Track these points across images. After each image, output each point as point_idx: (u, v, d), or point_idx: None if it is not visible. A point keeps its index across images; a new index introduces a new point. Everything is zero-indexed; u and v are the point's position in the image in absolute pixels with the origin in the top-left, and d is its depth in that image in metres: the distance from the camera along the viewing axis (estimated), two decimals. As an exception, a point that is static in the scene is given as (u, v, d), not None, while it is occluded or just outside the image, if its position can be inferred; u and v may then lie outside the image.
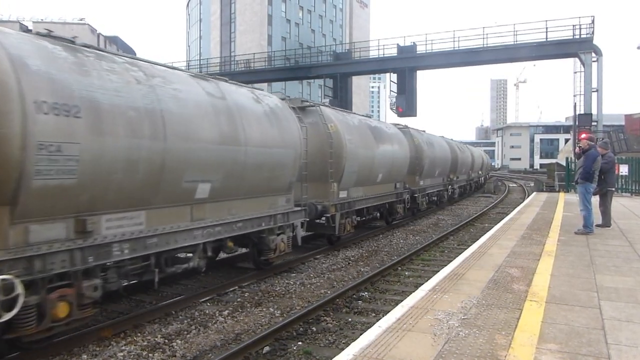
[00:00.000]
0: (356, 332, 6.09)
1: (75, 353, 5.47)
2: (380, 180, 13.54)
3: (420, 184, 17.91)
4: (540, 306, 5.07)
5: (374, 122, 14.44)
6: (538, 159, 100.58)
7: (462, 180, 27.28)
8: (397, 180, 15.30)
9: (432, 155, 18.80)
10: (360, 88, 75.68)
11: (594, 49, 29.37)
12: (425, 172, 18.40)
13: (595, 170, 9.90)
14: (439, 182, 21.21)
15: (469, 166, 29.42)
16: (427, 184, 18.88)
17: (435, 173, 20.17)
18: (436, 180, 20.64)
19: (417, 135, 17.88)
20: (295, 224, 9.54)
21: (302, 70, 41.38)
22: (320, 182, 10.87)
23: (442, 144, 22.02)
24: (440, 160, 20.58)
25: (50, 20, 62.71)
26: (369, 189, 13.08)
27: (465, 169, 27.67)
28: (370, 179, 12.92)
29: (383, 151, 13.41)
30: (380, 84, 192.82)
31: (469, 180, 29.92)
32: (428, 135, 20.45)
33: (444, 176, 21.78)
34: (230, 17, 64.81)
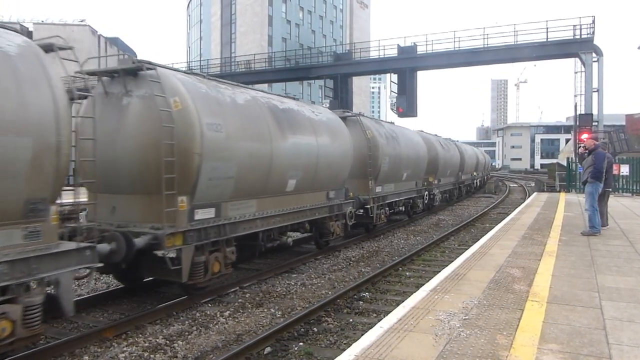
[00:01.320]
0: (357, 333, 6.09)
1: (76, 354, 5.47)
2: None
3: (376, 191, 13.45)
4: (542, 306, 5.07)
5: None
6: (539, 159, 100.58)
7: (447, 184, 23.19)
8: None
9: (395, 153, 14.75)
10: (361, 89, 75.66)
11: (594, 49, 29.37)
12: (387, 175, 14.16)
13: (604, 170, 9.83)
14: (408, 187, 16.74)
15: (457, 167, 25.26)
16: (387, 191, 14.51)
17: (403, 176, 15.88)
18: (404, 185, 16.21)
19: (371, 125, 13.61)
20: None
21: (303, 71, 41.39)
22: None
23: (412, 140, 17.44)
24: (410, 159, 16.28)
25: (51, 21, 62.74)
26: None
27: (451, 171, 23.85)
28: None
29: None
30: (380, 84, 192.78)
31: (457, 183, 25.79)
32: (392, 127, 16.29)
33: (417, 179, 17.78)
34: (231, 18, 64.85)
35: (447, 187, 23.24)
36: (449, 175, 23.61)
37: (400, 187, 15.89)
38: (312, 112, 10.66)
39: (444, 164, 21.31)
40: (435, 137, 21.90)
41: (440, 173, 21.00)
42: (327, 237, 11.11)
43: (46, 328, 6.20)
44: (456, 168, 24.91)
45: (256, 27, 61.80)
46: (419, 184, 17.82)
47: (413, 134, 18.33)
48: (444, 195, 22.36)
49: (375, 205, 13.30)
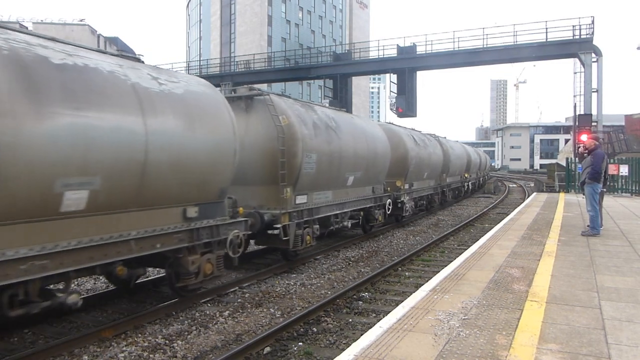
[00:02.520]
0: (357, 333, 6.09)
1: (76, 354, 5.47)
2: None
3: (295, 203, 9.66)
4: (541, 306, 5.07)
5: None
6: (538, 160, 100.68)
7: (425, 188, 18.66)
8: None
9: (330, 149, 10.47)
10: (360, 88, 75.72)
11: (593, 50, 29.40)
12: (315, 179, 10.10)
13: (603, 170, 9.82)
14: (358, 194, 12.45)
15: (439, 168, 20.51)
16: (319, 201, 10.55)
17: (347, 180, 11.63)
18: (350, 192, 12.02)
19: (288, 109, 9.55)
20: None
21: (302, 71, 41.41)
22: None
23: (366, 132, 12.76)
24: (360, 158, 11.98)
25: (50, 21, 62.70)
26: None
27: (430, 172, 19.12)
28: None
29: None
30: (380, 84, 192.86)
31: (440, 187, 21.14)
32: (332, 114, 11.50)
33: (375, 184, 13.63)
34: (230, 17, 64.88)
35: (425, 193, 18.68)
36: (428, 178, 19.08)
37: (343, 195, 11.56)
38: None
39: (417, 164, 16.83)
40: (407, 131, 17.29)
41: (412, 176, 16.70)
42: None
43: (45, 327, 6.22)
44: (437, 169, 20.23)
45: (256, 27, 61.82)
46: (377, 190, 13.67)
47: (369, 125, 13.84)
48: (419, 202, 18.09)
49: (294, 222, 9.49)
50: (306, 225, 9.95)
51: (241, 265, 9.79)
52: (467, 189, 28.75)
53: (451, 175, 23.64)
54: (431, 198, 20.16)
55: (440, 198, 21.50)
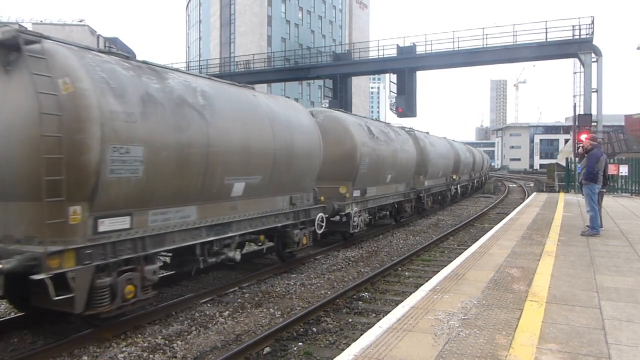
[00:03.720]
0: (357, 333, 6.09)
1: (75, 355, 5.47)
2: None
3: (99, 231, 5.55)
4: (541, 306, 5.07)
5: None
6: (538, 160, 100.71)
7: (387, 195, 14.56)
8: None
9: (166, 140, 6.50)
10: (360, 89, 75.72)
11: (593, 50, 29.41)
12: (138, 189, 5.99)
13: (599, 170, 9.81)
14: (260, 210, 8.48)
15: (412, 169, 16.64)
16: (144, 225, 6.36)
17: (230, 190, 7.61)
18: (177, 214, 6.97)
19: (77, 66, 5.35)
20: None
21: (302, 71, 41.44)
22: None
23: (242, 104, 8.04)
24: (245, 152, 7.90)
25: (49, 21, 62.74)
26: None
27: (398, 175, 15.20)
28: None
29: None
30: (380, 84, 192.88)
31: (414, 191, 17.16)
32: (201, 83, 7.42)
33: (292, 193, 9.45)
34: (230, 18, 64.88)
35: (388, 200, 14.76)
36: (394, 182, 15.13)
37: (227, 210, 7.58)
38: None
39: (374, 164, 12.83)
40: (360, 120, 13.39)
41: (365, 179, 12.62)
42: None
43: (44, 328, 6.21)
44: (409, 170, 16.30)
45: (255, 27, 61.83)
46: (299, 200, 9.64)
47: (284, 107, 9.40)
48: (380, 212, 14.58)
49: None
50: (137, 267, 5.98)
51: (241, 265, 9.80)
52: (455, 193, 24.40)
53: (431, 177, 19.30)
54: (400, 206, 16.01)
55: (413, 205, 17.22)
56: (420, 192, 17.89)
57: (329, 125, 11.72)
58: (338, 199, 11.67)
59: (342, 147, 11.68)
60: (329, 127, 11.61)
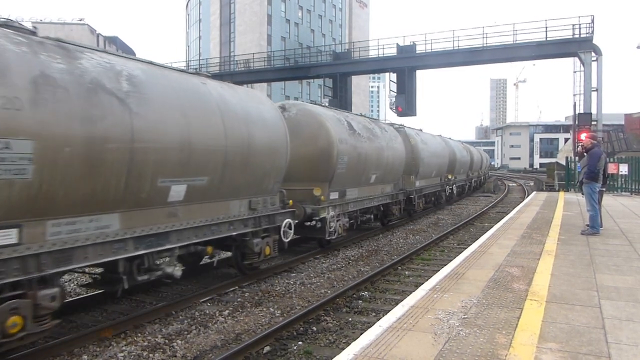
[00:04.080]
0: (356, 332, 6.09)
1: (75, 354, 5.47)
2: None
3: None
4: (541, 305, 5.07)
5: None
6: (538, 159, 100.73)
7: (371, 197, 13.27)
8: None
9: None
10: (360, 88, 75.70)
11: (593, 49, 29.40)
12: None
13: (600, 169, 9.80)
14: (200, 218, 7.06)
15: (400, 168, 15.31)
16: None
17: (178, 191, 6.47)
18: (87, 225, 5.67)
19: None
20: None
21: (302, 70, 41.42)
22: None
23: (184, 91, 6.67)
24: None
25: (49, 20, 62.66)
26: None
27: (385, 175, 13.88)
28: None
29: None
30: (379, 83, 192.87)
31: (403, 193, 15.82)
32: None
33: (254, 196, 8.28)
34: (230, 17, 64.83)
35: (373, 203, 13.48)
36: (380, 182, 13.75)
37: (160, 218, 6.35)
38: None
39: (355, 163, 11.59)
40: (339, 115, 11.99)
41: (345, 179, 11.32)
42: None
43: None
44: (397, 169, 15.01)
45: (255, 26, 61.78)
46: (260, 205, 8.31)
47: (243, 98, 8.10)
48: (364, 216, 13.23)
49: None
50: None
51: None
52: (451, 194, 23.12)
53: (423, 177, 18.10)
54: (386, 208, 14.80)
55: (401, 208, 15.95)
56: (410, 194, 16.63)
57: (303, 120, 10.60)
58: (312, 202, 10.48)
59: (317, 144, 10.45)
60: (303, 122, 10.54)
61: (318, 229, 10.66)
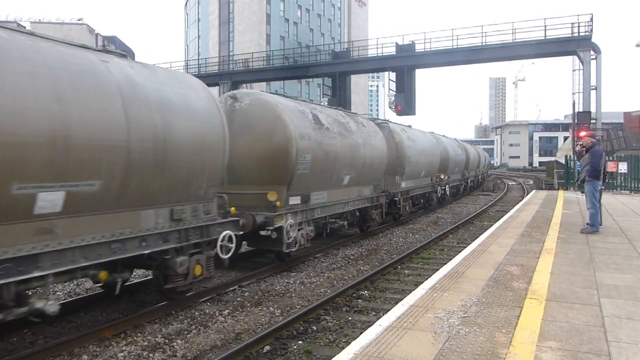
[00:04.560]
0: (356, 331, 6.09)
1: (75, 354, 5.46)
2: None
3: None
4: (541, 304, 5.07)
5: None
6: (537, 157, 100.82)
7: (346, 201, 11.72)
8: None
9: None
10: (359, 87, 75.65)
11: (592, 47, 29.41)
12: None
13: (601, 168, 9.80)
14: None
15: (381, 168, 13.81)
16: None
17: (47, 202, 4.84)
18: None
19: None
20: None
21: (301, 70, 41.39)
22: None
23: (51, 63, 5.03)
24: None
25: (48, 20, 62.61)
26: None
27: (362, 175, 12.34)
28: None
29: None
30: (379, 82, 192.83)
31: (388, 195, 14.62)
32: None
33: (177, 203, 6.67)
34: (229, 16, 64.77)
35: (348, 208, 11.87)
36: (356, 184, 12.23)
37: None
38: None
39: (322, 163, 10.11)
40: (303, 106, 10.35)
41: (309, 182, 9.90)
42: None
43: (44, 327, 6.21)
44: (378, 169, 13.48)
45: (254, 26, 61.73)
46: (186, 214, 6.74)
47: (155, 82, 6.34)
48: (335, 223, 11.79)
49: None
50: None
51: (240, 264, 9.80)
52: (443, 195, 21.68)
53: (410, 177, 16.62)
54: (365, 213, 13.29)
55: (383, 212, 14.35)
56: (395, 196, 15.06)
57: (257, 111, 9.03)
58: (266, 208, 8.82)
59: (272, 140, 8.87)
60: (257, 114, 9.00)
61: (274, 240, 8.93)
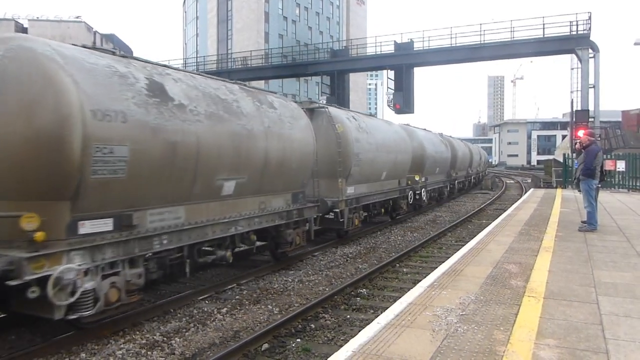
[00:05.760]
0: (355, 329, 6.09)
1: (74, 352, 5.46)
2: None
3: None
4: (539, 302, 5.08)
5: None
6: (535, 156, 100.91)
7: None
8: None
9: None
10: (358, 85, 75.58)
11: (590, 45, 29.41)
12: None
13: (597, 166, 9.82)
14: None
15: (302, 172, 9.59)
16: None
17: None
18: None
19: None
20: None
21: (300, 68, 41.34)
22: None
23: None
24: None
25: (46, 18, 62.37)
26: None
27: (276, 181, 8.78)
28: None
29: None
30: (377, 81, 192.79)
31: (290, 214, 9.36)
32: None
33: None
34: (227, 14, 64.66)
35: (178, 244, 6.70)
36: (253, 193, 8.28)
37: None
38: None
39: (141, 167, 5.88)
40: (120, 62, 6.06)
41: (125, 195, 5.79)
42: None
43: (42, 325, 6.20)
44: (299, 171, 9.51)
45: (252, 24, 61.62)
46: None
47: None
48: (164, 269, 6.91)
49: None
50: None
51: (239, 262, 9.79)
52: (419, 200, 17.87)
53: (362, 180, 12.65)
54: (278, 234, 9.29)
55: (311, 231, 10.34)
56: (336, 206, 11.26)
57: (12, 68, 5.16)
58: (18, 243, 5.01)
59: (31, 119, 5.06)
60: (11, 73, 5.15)
61: None
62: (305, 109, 10.97)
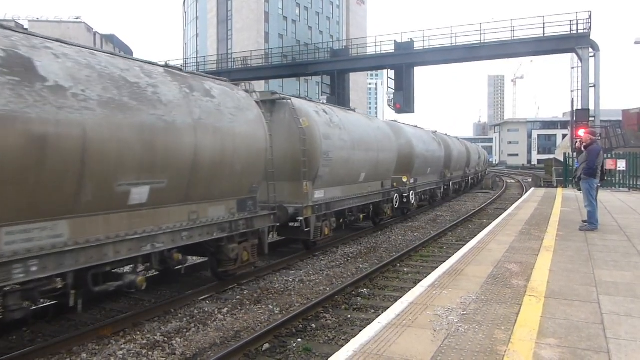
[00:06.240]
0: (356, 329, 6.09)
1: (74, 352, 5.46)
2: None
3: None
4: (540, 301, 5.07)
5: None
6: (536, 155, 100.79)
7: None
8: None
9: None
10: (358, 85, 75.56)
11: (591, 45, 29.38)
12: None
13: (599, 166, 9.80)
14: None
15: (249, 176, 7.91)
16: None
17: None
18: None
19: None
20: None
21: (300, 68, 41.32)
22: None
23: None
24: None
25: (46, 19, 62.40)
26: None
27: None
28: None
29: None
30: (377, 80, 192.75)
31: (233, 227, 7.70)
32: None
33: None
34: (227, 14, 64.64)
35: None
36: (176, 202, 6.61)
37: None
38: None
39: None
40: None
41: None
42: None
43: (43, 326, 6.20)
44: (236, 176, 7.81)
45: (252, 24, 61.60)
46: None
47: None
48: None
49: None
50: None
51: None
52: (405, 204, 16.00)
53: (332, 184, 11.12)
54: (220, 250, 7.73)
55: (265, 245, 8.76)
56: (299, 213, 9.81)
57: None
58: None
59: None
60: None
61: None
62: (266, 101, 9.78)
